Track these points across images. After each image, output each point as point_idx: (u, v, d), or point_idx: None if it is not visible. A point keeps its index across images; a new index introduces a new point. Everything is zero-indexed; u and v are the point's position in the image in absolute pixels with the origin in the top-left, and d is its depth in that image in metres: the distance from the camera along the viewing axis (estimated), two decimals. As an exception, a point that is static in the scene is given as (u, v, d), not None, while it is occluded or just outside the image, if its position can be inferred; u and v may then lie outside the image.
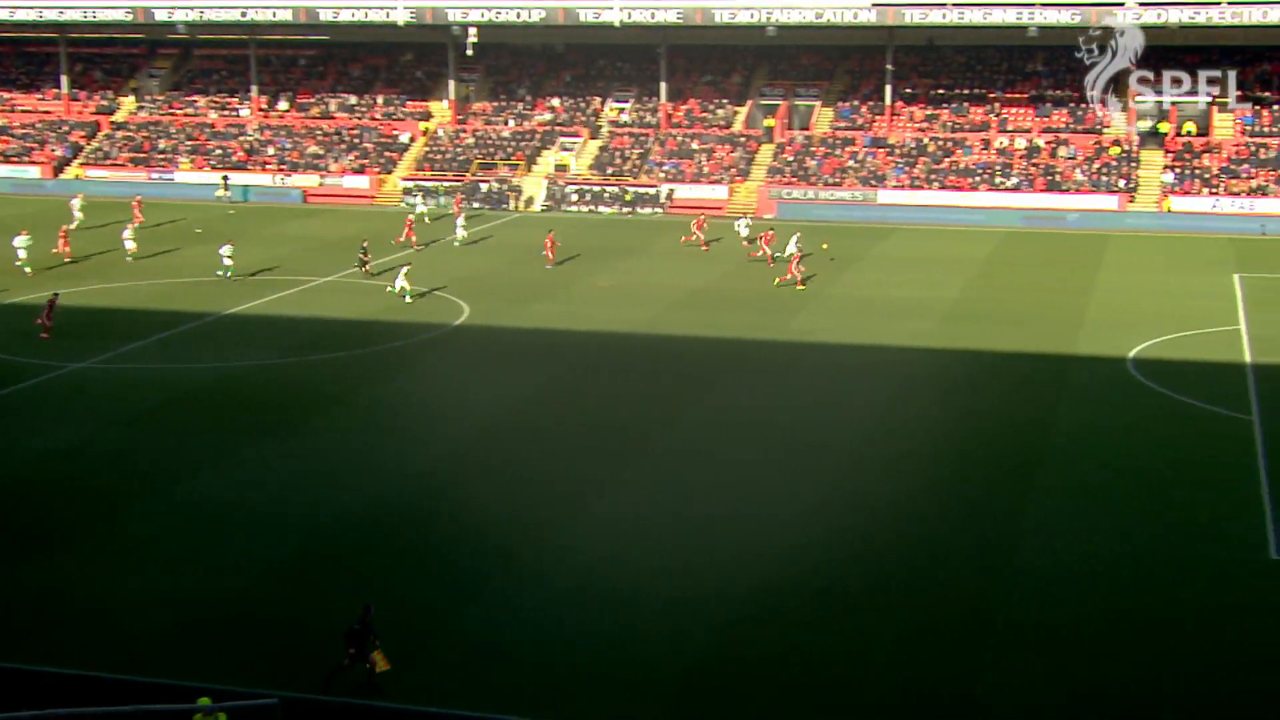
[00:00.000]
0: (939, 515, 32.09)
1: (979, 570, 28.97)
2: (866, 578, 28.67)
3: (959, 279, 59.53)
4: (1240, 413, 39.46)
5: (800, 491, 33.51)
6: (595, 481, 34.18)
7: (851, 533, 31.10)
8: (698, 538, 30.59)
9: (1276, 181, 74.69)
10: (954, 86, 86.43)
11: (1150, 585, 28.21)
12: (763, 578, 28.48)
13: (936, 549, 30.08)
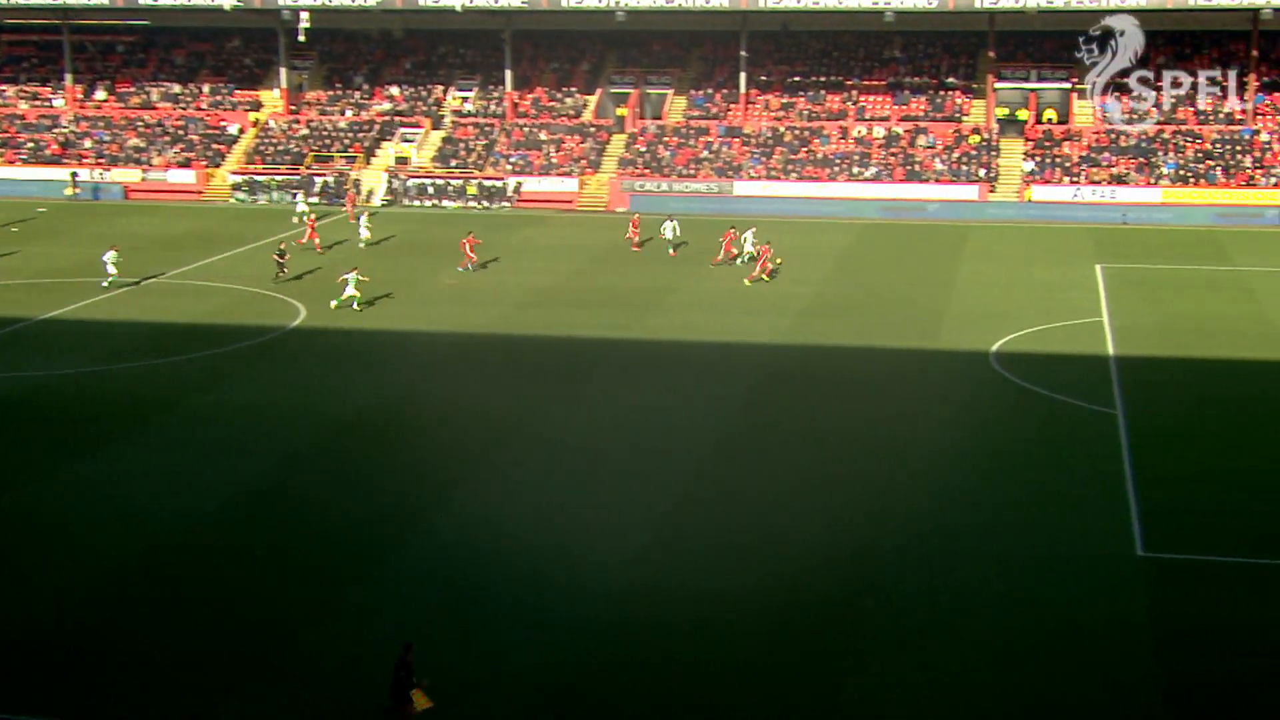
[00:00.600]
0: (800, 515, 32.28)
1: (844, 571, 29.20)
2: (729, 579, 28.73)
3: (817, 273, 60.12)
4: (1104, 407, 40.39)
5: (655, 494, 33.50)
6: (441, 491, 33.78)
7: (708, 534, 31.19)
8: (549, 546, 30.39)
9: (1137, 169, 76.78)
10: (810, 74, 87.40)
11: (1016, 584, 28.68)
12: (618, 583, 28.41)
13: (796, 550, 30.26)
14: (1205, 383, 43.61)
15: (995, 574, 29.18)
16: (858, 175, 79.07)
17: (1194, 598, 28.20)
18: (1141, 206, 74.72)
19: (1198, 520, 31.97)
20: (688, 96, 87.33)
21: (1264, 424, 39.08)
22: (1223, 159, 76.58)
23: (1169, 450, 36.87)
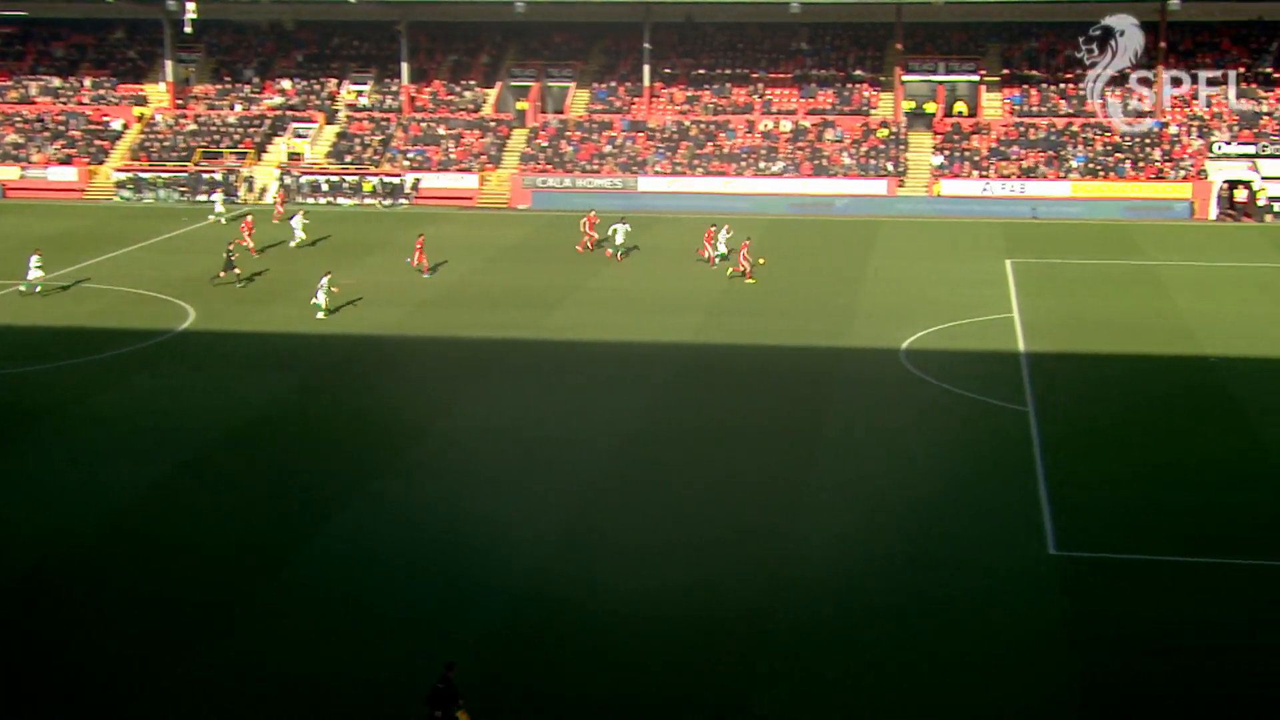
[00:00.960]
0: (710, 518, 32.40)
1: (754, 574, 29.35)
2: (636, 584, 28.75)
3: (726, 269, 60.32)
4: (1015, 404, 40.91)
5: (559, 498, 33.49)
6: (336, 499, 33.50)
7: (616, 539, 31.21)
8: (446, 554, 30.30)
9: (1047, 163, 77.89)
10: (715, 66, 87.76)
11: (929, 584, 28.98)
12: (519, 590, 28.36)
13: (708, 553, 30.38)
14: (1116, 379, 44.31)
15: (908, 575, 29.47)
16: (764, 170, 79.49)
17: (1106, 597, 28.63)
18: (1051, 200, 75.83)
19: (1109, 518, 32.50)
20: (590, 90, 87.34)
21: (1173, 420, 39.80)
22: (1132, 152, 77.88)
23: (1080, 448, 37.42)
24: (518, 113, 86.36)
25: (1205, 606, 28.11)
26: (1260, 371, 44.80)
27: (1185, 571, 29.80)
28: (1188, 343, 48.06)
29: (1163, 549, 30.81)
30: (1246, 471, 35.74)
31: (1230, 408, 40.93)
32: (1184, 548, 30.87)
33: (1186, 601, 28.37)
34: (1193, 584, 29.17)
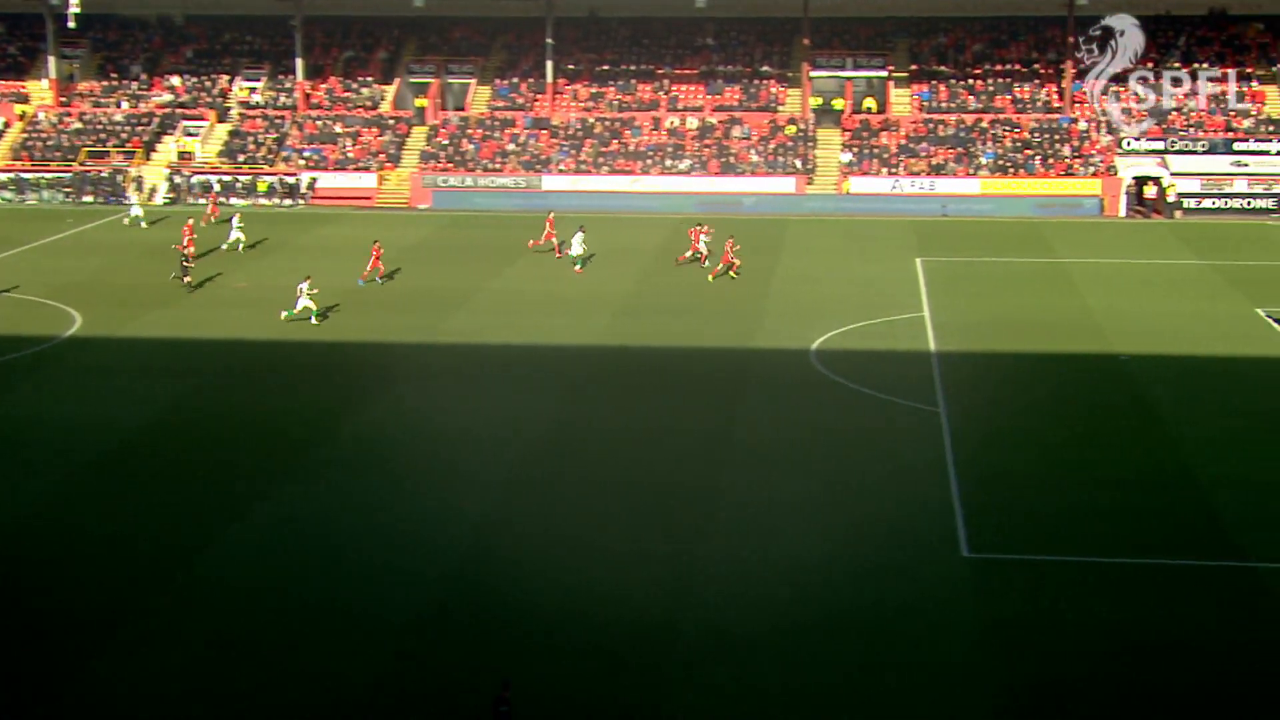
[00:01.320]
0: (620, 522, 32.52)
1: (663, 581, 29.49)
2: (544, 595, 28.79)
3: (632, 270, 60.50)
4: (926, 405, 41.41)
5: (461, 507, 33.47)
6: (235, 508, 33.27)
7: (521, 549, 31.25)
8: (352, 563, 30.19)
9: (956, 160, 78.84)
10: (620, 62, 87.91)
11: (840, 589, 29.28)
12: (426, 602, 28.31)
13: (616, 559, 30.50)
14: (1027, 378, 45.01)
15: (819, 580, 29.75)
16: (671, 168, 79.76)
17: (1020, 599, 29.07)
18: (961, 198, 76.73)
19: (1022, 519, 32.99)
20: (492, 86, 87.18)
21: (1085, 419, 40.47)
22: (1041, 148, 79.04)
23: (992, 448, 37.96)
24: (417, 110, 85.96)
25: (1120, 607, 28.63)
26: (1170, 369, 45.67)
27: (1099, 572, 30.32)
28: (1098, 341, 48.87)
29: (1076, 550, 31.33)
30: (1159, 470, 36.44)
31: (1142, 406, 41.69)
32: (1097, 548, 31.41)
33: (1101, 602, 28.87)
34: (1107, 585, 29.68)
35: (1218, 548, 31.47)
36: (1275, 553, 31.15)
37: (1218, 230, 70.91)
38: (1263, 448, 38.12)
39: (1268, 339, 49.12)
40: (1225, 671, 26.11)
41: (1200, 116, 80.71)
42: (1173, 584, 29.76)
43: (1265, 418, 40.71)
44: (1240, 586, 29.60)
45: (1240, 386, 43.97)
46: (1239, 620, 28.13)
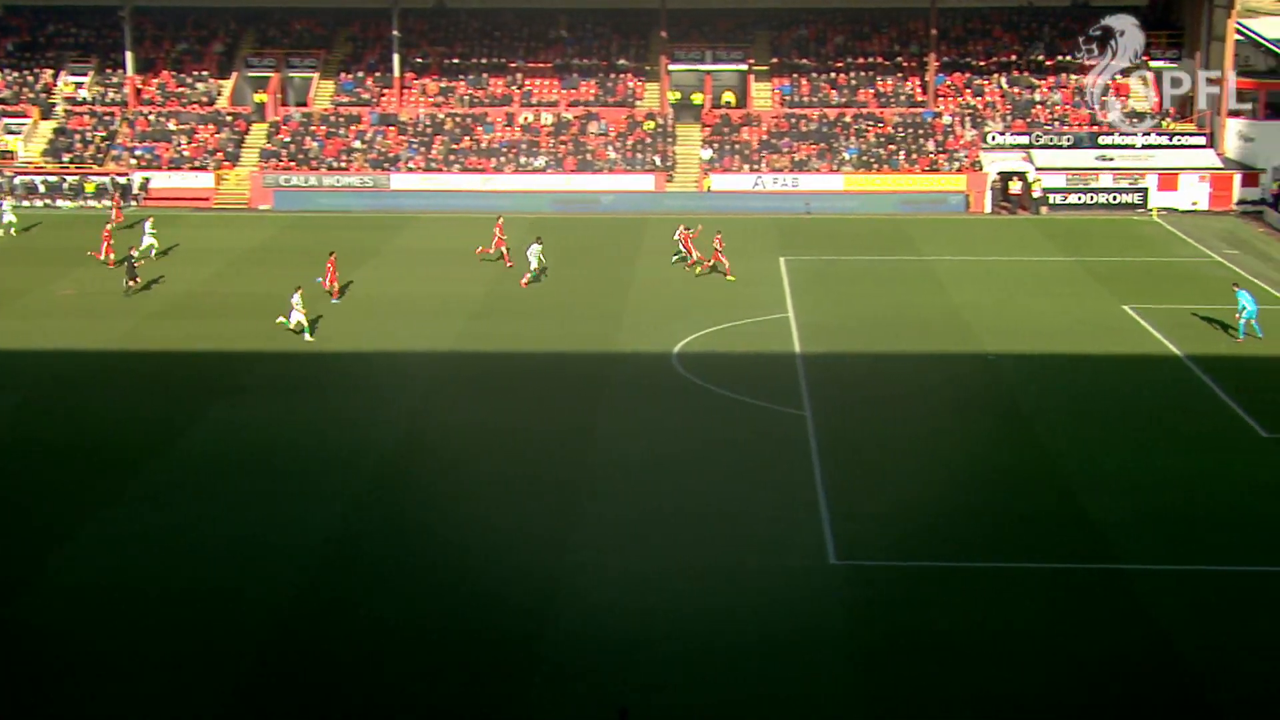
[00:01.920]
0: (478, 533, 32.57)
1: (524, 594, 29.62)
2: (397, 609, 28.76)
3: (488, 272, 60.39)
4: (792, 407, 41.94)
5: (316, 517, 33.29)
6: (59, 530, 32.70)
7: (378, 560, 31.18)
8: (194, 579, 29.94)
9: (819, 155, 79.81)
10: (470, 55, 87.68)
11: (706, 596, 29.59)
12: (275, 617, 28.10)
13: (474, 573, 30.58)
14: (893, 378, 45.74)
15: (686, 588, 30.03)
16: (526, 166, 79.76)
17: (888, 605, 29.59)
18: (825, 195, 77.63)
19: (889, 524, 33.59)
20: (336, 81, 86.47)
21: (952, 420, 41.28)
22: (905, 143, 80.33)
23: (858, 451, 38.57)
24: (256, 106, 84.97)
25: (989, 611, 29.28)
26: (1038, 367, 46.71)
27: (968, 576, 30.96)
28: (966, 340, 49.83)
29: (945, 554, 31.97)
30: (1027, 471, 37.28)
31: (1009, 405, 42.62)
32: (966, 552, 32.08)
33: (970, 607, 29.49)
34: (975, 589, 30.33)
35: (1086, 549, 32.30)
36: (1143, 553, 32.06)
37: (1084, 226, 72.62)
38: (1130, 446, 39.18)
39: (1135, 336, 50.44)
40: (1092, 674, 26.82)
41: (1064, 110, 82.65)
42: (1041, 587, 30.48)
43: (1132, 416, 41.85)
44: (1109, 588, 30.39)
45: (1108, 384, 45.10)
46: (1105, 621, 28.89)
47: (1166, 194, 77.29)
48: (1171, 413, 42.14)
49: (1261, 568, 31.36)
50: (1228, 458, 38.29)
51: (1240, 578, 30.91)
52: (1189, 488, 36.00)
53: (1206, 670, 26.83)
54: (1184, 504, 34.88)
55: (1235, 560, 31.68)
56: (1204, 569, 31.25)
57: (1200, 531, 33.21)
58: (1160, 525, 33.60)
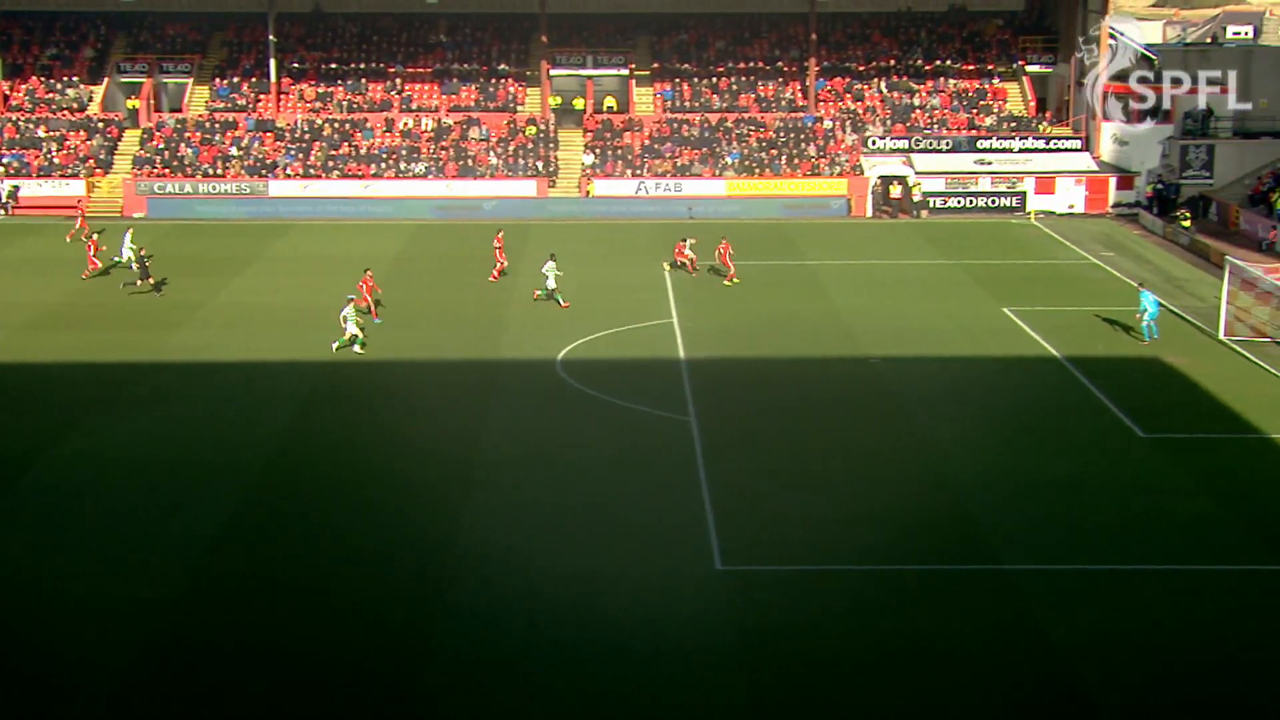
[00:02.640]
0: (354, 547, 32.20)
1: (404, 605, 29.35)
2: (278, 626, 28.38)
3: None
4: (677, 414, 41.97)
5: (190, 533, 32.80)
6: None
7: (255, 576, 30.75)
8: (63, 595, 29.32)
9: (701, 160, 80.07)
10: (348, 60, 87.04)
11: (592, 606, 29.49)
12: (144, 638, 27.63)
13: (360, 586, 30.22)
14: (778, 383, 45.92)
15: (570, 597, 29.90)
16: (406, 172, 79.27)
17: (775, 611, 29.64)
18: (707, 199, 77.95)
19: (776, 529, 33.67)
20: (210, 86, 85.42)
21: (837, 424, 41.49)
22: (786, 148, 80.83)
23: (744, 457, 38.66)
24: (129, 112, 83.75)
25: (876, 615, 29.43)
26: (921, 370, 47.15)
27: (853, 580, 31.11)
28: (849, 344, 50.18)
29: (830, 558, 32.10)
30: (911, 474, 37.58)
31: (894, 409, 42.95)
32: (852, 556, 32.24)
33: (856, 611, 29.64)
34: (861, 592, 30.48)
35: (970, 551, 32.59)
36: (1026, 554, 32.41)
37: (964, 229, 73.51)
38: (1013, 448, 39.66)
39: (1015, 338, 51.09)
40: (977, 676, 27.07)
41: (943, 114, 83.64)
42: (927, 590, 30.71)
43: (1014, 416, 42.39)
44: (993, 590, 30.69)
45: (989, 386, 45.66)
46: (991, 623, 29.18)
47: (1044, 197, 78.53)
48: (1052, 414, 42.69)
49: (1141, 567, 31.82)
50: (1108, 458, 38.85)
51: (1121, 577, 31.34)
52: (1071, 489, 36.44)
53: (1088, 669, 27.15)
54: (1066, 505, 35.30)
55: (1116, 560, 32.12)
56: (1086, 569, 31.65)
57: (1082, 532, 33.62)
58: (1043, 527, 33.98)
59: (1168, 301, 54.29)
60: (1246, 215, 71.16)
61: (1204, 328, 51.99)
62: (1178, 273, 62.89)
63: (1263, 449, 39.63)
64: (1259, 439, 40.33)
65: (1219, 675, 27.04)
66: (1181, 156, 78.75)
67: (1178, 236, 69.66)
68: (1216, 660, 27.59)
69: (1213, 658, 27.69)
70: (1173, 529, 33.92)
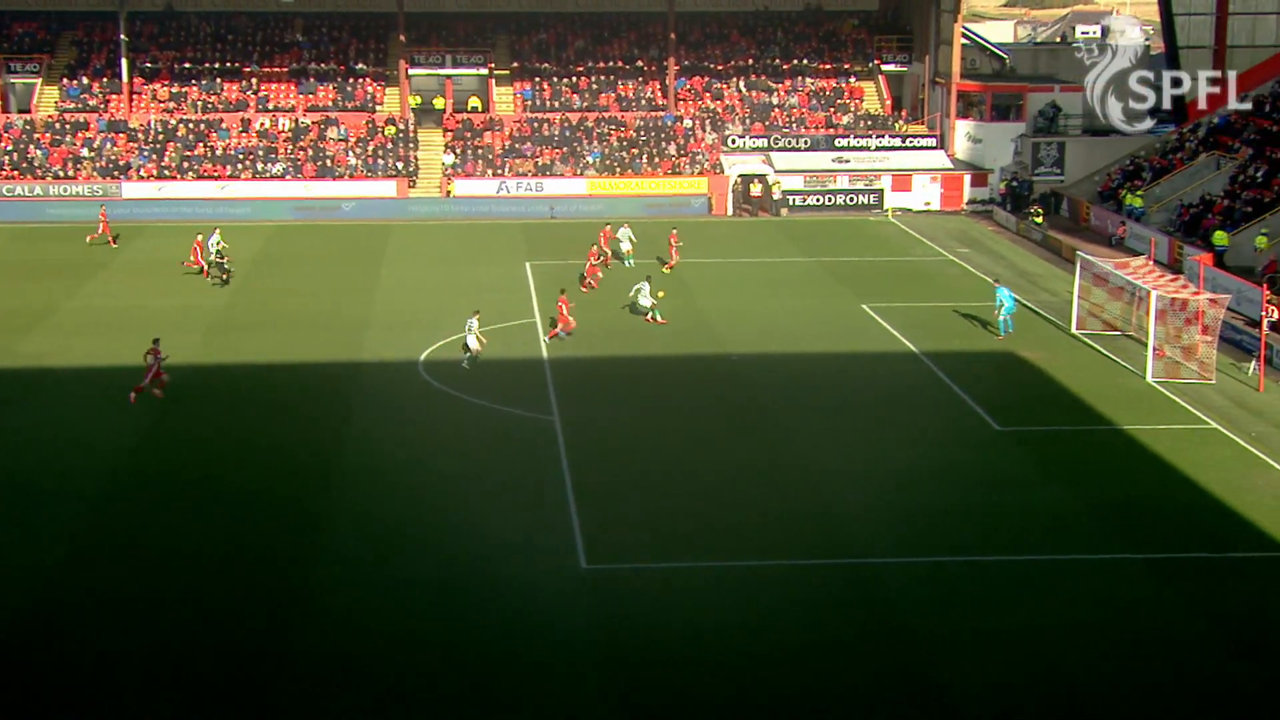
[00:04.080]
0: (211, 559, 31.87)
1: (263, 613, 29.16)
2: (126, 633, 28.08)
3: (227, 284, 59.18)
4: (541, 413, 42.02)
5: (35, 546, 32.25)
6: None
7: (112, 591, 30.31)
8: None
9: (562, 159, 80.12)
10: (203, 60, 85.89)
11: (456, 608, 29.46)
12: (8, 660, 27.19)
13: (209, 599, 29.94)
14: (640, 381, 46.06)
15: (432, 600, 29.84)
16: (264, 173, 78.41)
17: (640, 609, 29.79)
18: (569, 199, 78.04)
19: (640, 527, 33.85)
20: (60, 86, 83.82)
21: (698, 422, 41.77)
22: (647, 147, 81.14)
23: (607, 455, 38.82)
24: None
25: (738, 610, 29.70)
26: (782, 367, 47.62)
27: (720, 577, 31.36)
28: (711, 342, 50.54)
29: (694, 555, 32.32)
30: (773, 470, 37.95)
31: (756, 406, 43.35)
32: (717, 552, 32.48)
33: (721, 607, 29.88)
34: (727, 589, 30.73)
35: (832, 545, 33.02)
36: (887, 547, 32.91)
37: (823, 227, 74.30)
38: (872, 442, 40.21)
39: (874, 334, 51.80)
40: (836, 667, 27.44)
41: (801, 113, 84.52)
42: (790, 584, 31.06)
43: (873, 411, 42.97)
44: (856, 582, 31.14)
45: (849, 382, 46.21)
46: (853, 617, 29.60)
47: (901, 195, 79.66)
48: (910, 408, 43.37)
49: (999, 558, 32.44)
50: (964, 451, 39.57)
51: (979, 568, 31.93)
52: (929, 482, 37.06)
53: (949, 661, 27.64)
54: (924, 498, 35.89)
55: (975, 552, 32.70)
56: (943, 560, 32.21)
57: (939, 524, 34.19)
58: (902, 519, 34.51)
59: (1022, 297, 55.32)
60: (1097, 211, 72.78)
61: (1057, 322, 53.13)
62: (1031, 268, 64.16)
63: (1114, 440, 40.59)
64: (1111, 430, 41.31)
65: (1076, 664, 27.63)
66: (1033, 154, 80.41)
67: (1031, 233, 71.05)
68: (1074, 649, 28.17)
69: (1070, 646, 28.28)
70: (1029, 521, 34.61)
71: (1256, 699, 26.51)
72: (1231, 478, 37.37)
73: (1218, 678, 27.21)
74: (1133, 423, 41.73)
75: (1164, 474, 37.95)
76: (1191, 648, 28.35)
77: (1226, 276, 55.50)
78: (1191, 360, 46.68)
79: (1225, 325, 48.82)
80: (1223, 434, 40.95)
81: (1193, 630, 29.05)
